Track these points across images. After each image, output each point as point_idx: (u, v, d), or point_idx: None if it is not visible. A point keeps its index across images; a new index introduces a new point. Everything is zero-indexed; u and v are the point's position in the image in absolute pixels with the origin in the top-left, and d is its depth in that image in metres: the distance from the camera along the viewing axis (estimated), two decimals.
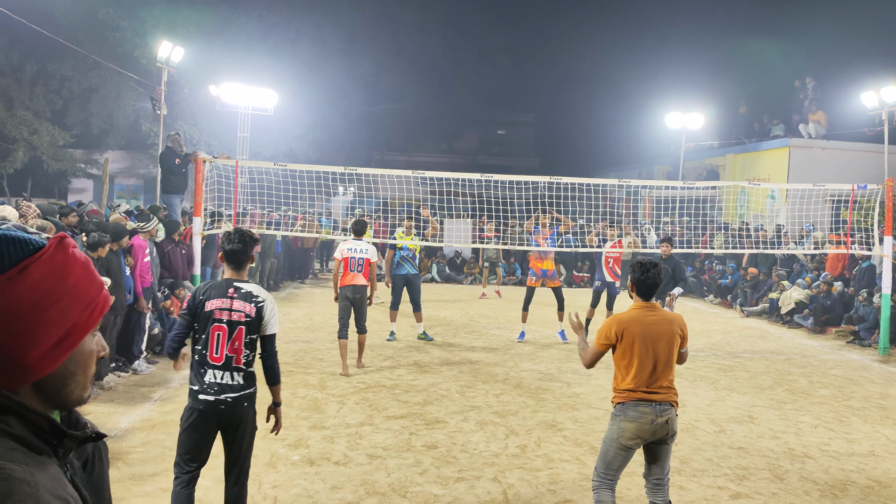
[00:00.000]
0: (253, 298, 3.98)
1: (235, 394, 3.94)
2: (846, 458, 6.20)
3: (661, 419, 4.05)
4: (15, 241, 1.11)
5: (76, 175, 27.05)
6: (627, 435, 4.06)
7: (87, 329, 1.16)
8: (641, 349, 4.08)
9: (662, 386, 4.10)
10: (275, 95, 20.43)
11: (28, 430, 1.08)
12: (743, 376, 9.43)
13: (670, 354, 4.14)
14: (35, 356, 1.09)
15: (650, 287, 4.19)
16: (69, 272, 1.14)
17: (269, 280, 16.67)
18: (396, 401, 7.47)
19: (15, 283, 1.08)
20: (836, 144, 21.61)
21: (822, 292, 13.80)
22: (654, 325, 4.12)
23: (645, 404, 4.05)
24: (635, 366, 4.08)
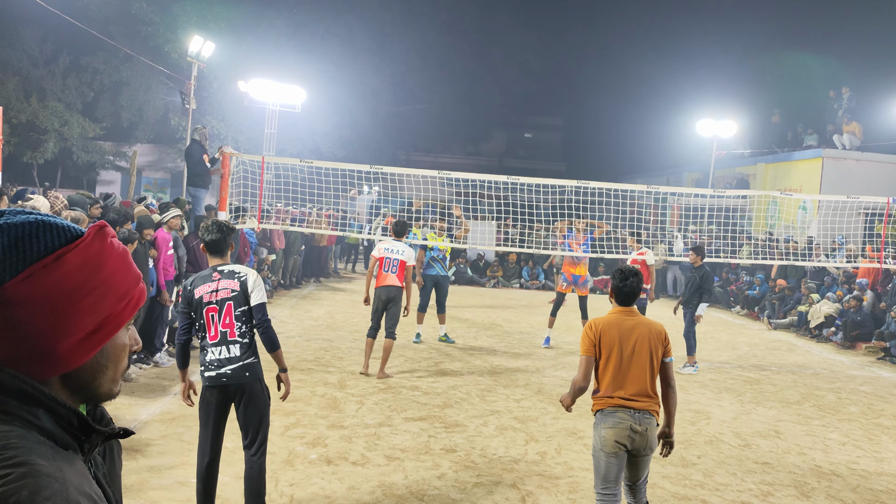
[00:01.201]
0: (235, 274, 4.24)
1: (234, 365, 4.16)
2: (875, 478, 6.02)
3: (640, 427, 3.96)
4: (52, 228, 1.08)
5: (105, 167, 27.39)
6: (609, 443, 3.98)
7: (121, 322, 1.13)
8: (618, 353, 4.03)
9: (642, 394, 4.01)
10: (303, 93, 20.50)
11: (56, 424, 1.06)
12: (769, 390, 9.23)
13: (649, 361, 4.05)
14: (66, 347, 1.06)
15: (628, 294, 4.16)
16: (105, 262, 1.11)
17: (291, 277, 16.70)
18: (416, 402, 7.40)
19: (50, 271, 1.05)
20: (870, 156, 21.19)
21: (853, 307, 13.51)
22: (632, 330, 4.07)
23: (623, 411, 3.98)
24: (611, 370, 4.03)
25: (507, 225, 20.57)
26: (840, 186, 19.29)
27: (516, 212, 15.21)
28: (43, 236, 1.06)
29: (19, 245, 1.04)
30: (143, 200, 12.33)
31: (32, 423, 1.03)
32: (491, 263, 21.19)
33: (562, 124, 43.96)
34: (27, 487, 0.93)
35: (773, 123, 25.73)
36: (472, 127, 36.32)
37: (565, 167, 40.87)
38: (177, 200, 10.89)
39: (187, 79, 16.69)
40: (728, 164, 25.47)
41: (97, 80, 25.36)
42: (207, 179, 11.91)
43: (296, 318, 12.38)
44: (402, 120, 33.05)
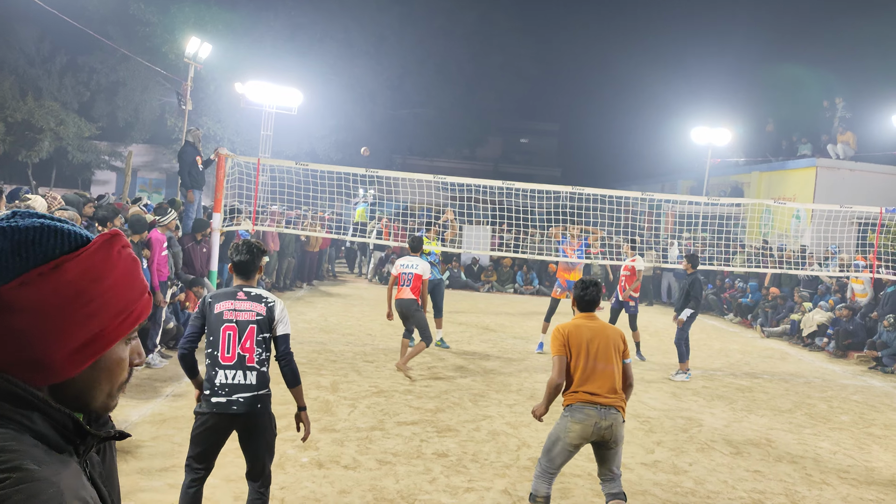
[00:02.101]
0: (263, 299, 4.01)
1: (248, 393, 3.87)
2: (865, 487, 6.05)
3: (605, 423, 4.25)
4: (54, 234, 1.06)
5: (100, 167, 27.33)
6: (573, 435, 4.29)
7: (116, 336, 1.10)
8: (585, 353, 4.37)
9: (607, 391, 4.31)
10: (299, 95, 20.49)
11: (50, 427, 1.04)
12: (761, 398, 9.26)
13: (612, 362, 4.39)
14: (57, 357, 1.04)
15: (588, 302, 4.60)
16: (107, 274, 1.08)
17: (284, 279, 16.68)
18: (408, 407, 7.39)
19: (46, 279, 1.02)
20: (864, 166, 21.30)
21: (845, 316, 13.56)
22: (596, 332, 4.45)
23: (590, 407, 4.28)
24: (580, 369, 4.35)
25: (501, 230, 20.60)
26: (833, 196, 19.38)
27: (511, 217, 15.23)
28: (45, 242, 1.04)
29: (20, 249, 1.02)
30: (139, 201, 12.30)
31: (27, 427, 1.02)
32: (485, 268, 21.20)
33: (558, 130, 44.05)
34: (22, 492, 0.92)
35: (768, 132, 25.84)
36: (469, 131, 36.35)
37: (560, 173, 40.94)
38: (172, 202, 10.86)
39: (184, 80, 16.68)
40: (722, 172, 25.56)
41: (94, 80, 25.32)
42: (202, 181, 11.89)
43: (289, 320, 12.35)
44: (399, 123, 33.07)
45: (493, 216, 19.43)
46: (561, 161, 43.39)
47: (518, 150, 43.42)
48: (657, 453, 6.51)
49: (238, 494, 4.81)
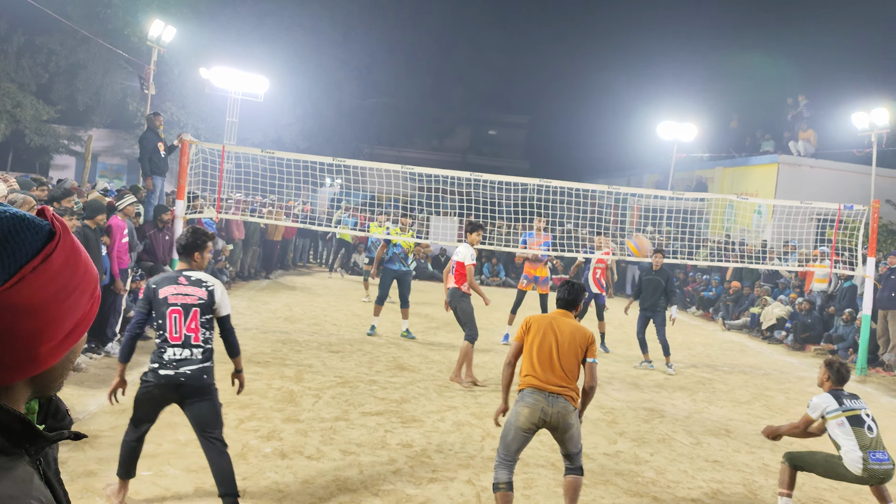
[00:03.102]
0: (203, 283, 4.40)
1: (194, 366, 4.34)
2: (820, 477, 6.17)
3: (552, 409, 4.43)
4: (31, 224, 1.01)
5: (59, 151, 26.68)
6: (522, 419, 4.46)
7: (91, 319, 1.09)
8: (542, 342, 4.58)
9: (557, 381, 4.49)
10: (266, 82, 20.21)
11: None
12: (721, 389, 9.41)
13: (571, 357, 4.57)
14: (46, 350, 1.01)
15: (568, 302, 4.81)
16: (79, 259, 1.05)
17: (249, 269, 16.50)
18: (373, 397, 7.37)
19: (38, 274, 0.98)
20: (824, 163, 21.72)
21: (804, 309, 13.85)
22: (563, 328, 4.64)
23: (538, 392, 4.47)
24: (534, 355, 4.57)
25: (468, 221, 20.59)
26: (794, 192, 19.75)
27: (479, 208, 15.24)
28: (26, 234, 0.99)
29: (6, 246, 0.97)
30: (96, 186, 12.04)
31: None
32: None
33: (526, 122, 44.17)
34: None
35: (732, 128, 26.22)
36: (437, 122, 36.26)
37: (528, 165, 41.08)
38: (134, 188, 10.66)
39: (147, 63, 16.33)
40: (687, 166, 25.87)
41: (52, 62, 24.64)
42: (164, 167, 11.68)
43: (253, 309, 12.24)
44: (366, 113, 32.85)
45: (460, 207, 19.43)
46: (529, 153, 43.57)
47: (486, 142, 43.46)
48: (619, 444, 6.58)
49: (199, 486, 4.75)
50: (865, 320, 11.42)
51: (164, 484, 4.74)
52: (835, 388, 5.24)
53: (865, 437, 4.95)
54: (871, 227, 11.47)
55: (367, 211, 19.21)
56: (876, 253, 11.68)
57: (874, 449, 4.94)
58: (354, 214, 19.09)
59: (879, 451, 4.96)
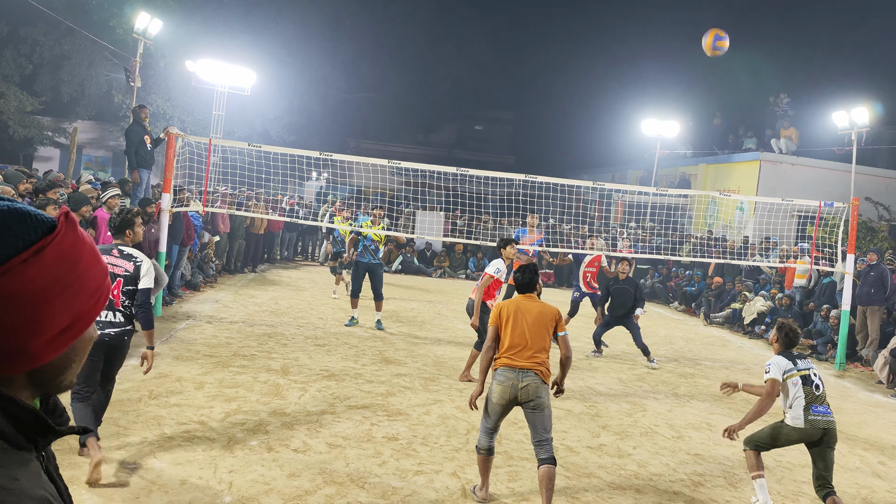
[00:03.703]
0: (132, 258, 4.98)
1: (117, 329, 4.92)
2: (799, 470, 6.31)
3: (522, 384, 4.76)
4: (28, 218, 1.01)
5: (43, 143, 26.42)
6: (496, 395, 4.84)
7: (92, 318, 1.08)
8: (515, 326, 4.92)
9: (527, 358, 4.83)
10: (253, 75, 20.15)
11: (10, 424, 1.01)
12: (703, 384, 9.55)
13: (542, 334, 4.92)
14: (38, 344, 1.01)
15: (525, 285, 5.14)
16: (80, 256, 1.05)
17: (235, 262, 16.48)
18: (359, 390, 7.42)
19: (27, 267, 0.98)
20: (805, 161, 21.97)
21: (784, 305, 14.03)
22: (531, 309, 4.99)
23: (510, 370, 4.82)
24: (508, 338, 4.91)
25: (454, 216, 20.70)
26: (775, 189, 19.97)
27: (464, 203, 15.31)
28: (19, 227, 1.00)
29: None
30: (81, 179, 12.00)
31: None
32: (438, 253, 21.27)
33: (512, 118, 44.21)
34: None
35: (715, 126, 26.44)
36: (423, 117, 36.24)
37: (514, 160, 41.15)
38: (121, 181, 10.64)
39: (132, 56, 16.23)
40: (671, 163, 26.07)
41: (36, 53, 24.41)
42: (151, 160, 11.65)
43: (239, 303, 12.25)
44: (353, 107, 32.79)
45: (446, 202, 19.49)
46: (514, 149, 43.60)
47: (472, 137, 43.48)
48: (602, 437, 6.68)
49: (185, 478, 4.79)
50: (844, 316, 11.60)
51: (150, 477, 4.78)
52: (785, 351, 5.57)
53: (812, 395, 5.35)
54: (850, 225, 11.65)
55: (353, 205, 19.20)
56: (855, 250, 11.86)
57: (817, 404, 5.33)
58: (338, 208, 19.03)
59: (822, 406, 5.36)
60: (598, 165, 34.17)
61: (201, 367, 7.68)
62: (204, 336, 9.29)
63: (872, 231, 19.68)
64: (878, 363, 10.91)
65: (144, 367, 4.98)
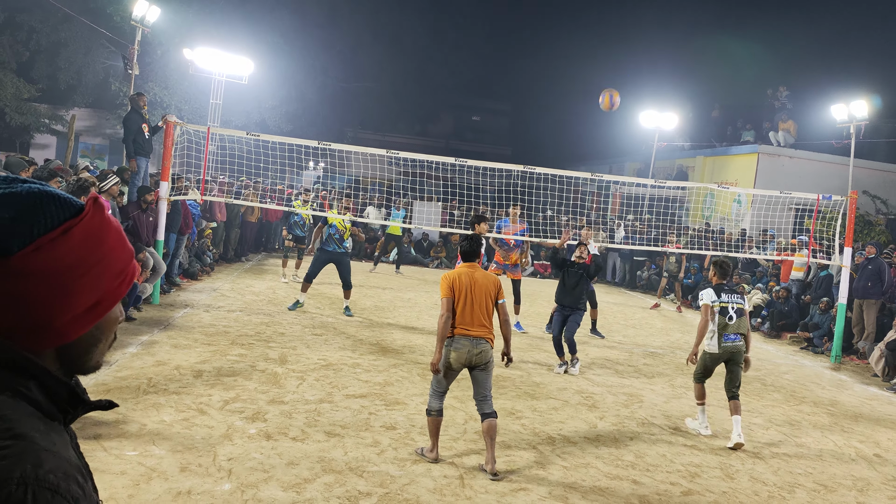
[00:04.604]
0: None
1: None
2: (795, 461, 6.34)
3: (476, 350, 5.31)
4: (57, 200, 1.07)
5: (40, 130, 26.34)
6: (453, 361, 5.34)
7: (117, 298, 1.13)
8: (467, 297, 5.37)
9: (478, 326, 5.34)
10: (250, 64, 20.07)
11: (45, 396, 1.06)
12: None
13: (487, 302, 5.43)
14: (64, 321, 1.06)
15: (469, 254, 5.60)
16: (105, 237, 1.10)
17: (232, 249, 16.47)
18: (357, 380, 7.44)
19: (57, 244, 1.03)
20: (803, 154, 21.99)
21: (780, 298, 14.07)
22: (475, 279, 5.45)
23: (465, 339, 5.32)
24: (461, 308, 5.36)
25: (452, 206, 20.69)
26: (773, 182, 19.99)
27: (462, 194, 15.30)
28: (50, 208, 1.05)
29: (27, 216, 1.03)
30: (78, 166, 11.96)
31: (23, 394, 1.03)
32: (435, 244, 21.28)
33: (509, 109, 44.16)
34: (28, 461, 0.93)
35: (713, 118, 26.43)
36: (421, 107, 36.18)
37: (511, 151, 41.13)
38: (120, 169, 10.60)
39: (130, 43, 16.16)
40: (669, 155, 26.07)
41: (33, 40, 24.28)
42: (149, 148, 11.61)
43: (237, 291, 12.25)
44: (351, 97, 32.68)
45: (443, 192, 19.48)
46: (512, 140, 43.57)
47: (470, 128, 43.42)
48: (599, 427, 6.71)
49: (184, 465, 4.80)
50: (841, 309, 11.63)
51: (149, 464, 4.78)
52: (719, 283, 6.99)
53: (725, 324, 6.81)
54: (848, 218, 11.66)
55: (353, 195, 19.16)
56: (853, 243, 11.88)
57: (729, 332, 6.81)
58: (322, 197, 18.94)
59: (734, 334, 6.83)
60: (595, 157, 34.15)
61: (199, 356, 7.68)
62: (202, 324, 9.29)
63: (870, 224, 19.74)
64: (873, 356, 10.95)
65: None
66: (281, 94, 27.30)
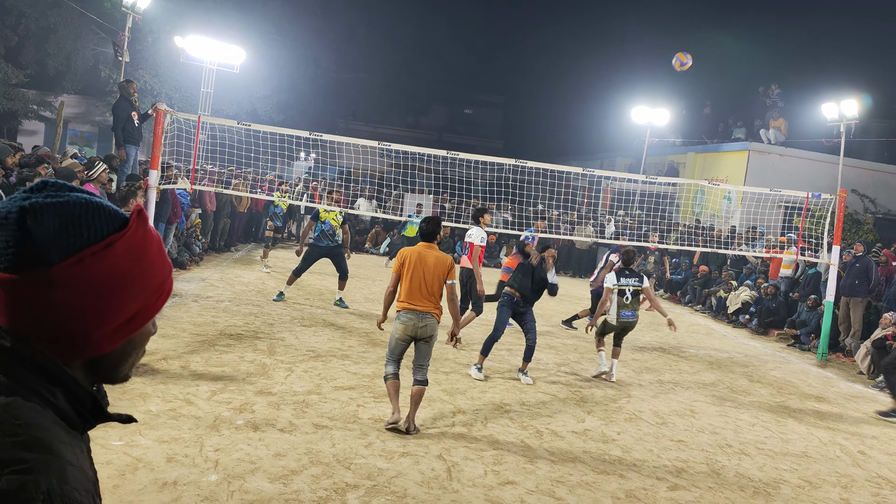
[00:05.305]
0: None
1: None
2: (780, 458, 6.38)
3: (422, 324, 5.70)
4: (100, 211, 1.06)
5: (28, 116, 26.08)
6: (399, 332, 5.75)
7: (153, 313, 1.12)
8: (415, 273, 5.73)
9: (424, 301, 5.70)
10: (242, 53, 19.93)
11: (70, 405, 1.06)
12: (687, 371, 9.62)
13: (436, 281, 5.76)
14: (100, 334, 1.05)
15: (427, 234, 5.96)
16: (146, 251, 1.10)
17: (220, 240, 16.39)
18: (345, 372, 7.42)
19: (99, 259, 1.03)
20: (793, 152, 22.07)
21: (768, 295, 14.14)
22: (428, 258, 5.79)
23: (411, 313, 5.70)
24: (408, 283, 5.73)
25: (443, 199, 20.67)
26: (763, 179, 20.05)
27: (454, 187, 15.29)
28: (93, 220, 1.04)
29: (71, 228, 1.02)
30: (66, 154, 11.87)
31: (49, 402, 1.02)
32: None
33: (502, 103, 44.10)
34: (54, 475, 0.93)
35: (705, 115, 26.47)
36: (413, 99, 36.05)
37: (503, 145, 41.09)
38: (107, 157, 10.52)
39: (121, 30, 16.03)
40: (660, 151, 26.11)
41: (22, 24, 24.03)
42: (138, 136, 11.53)
43: (226, 282, 12.20)
44: (343, 87, 32.54)
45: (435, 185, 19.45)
46: (504, 133, 43.53)
47: (462, 121, 43.34)
48: (587, 422, 6.73)
49: (171, 456, 4.78)
50: (828, 307, 11.70)
51: (135, 454, 4.76)
52: (621, 269, 8.53)
53: (622, 303, 8.35)
54: (836, 216, 11.72)
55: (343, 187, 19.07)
56: (841, 241, 11.94)
57: (625, 310, 8.37)
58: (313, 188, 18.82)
59: (629, 311, 8.40)
60: (587, 152, 34.16)
61: (187, 346, 7.64)
62: (190, 314, 9.24)
63: (858, 223, 19.85)
64: (859, 354, 11.03)
65: None
66: (272, 84, 27.15)
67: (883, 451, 7.05)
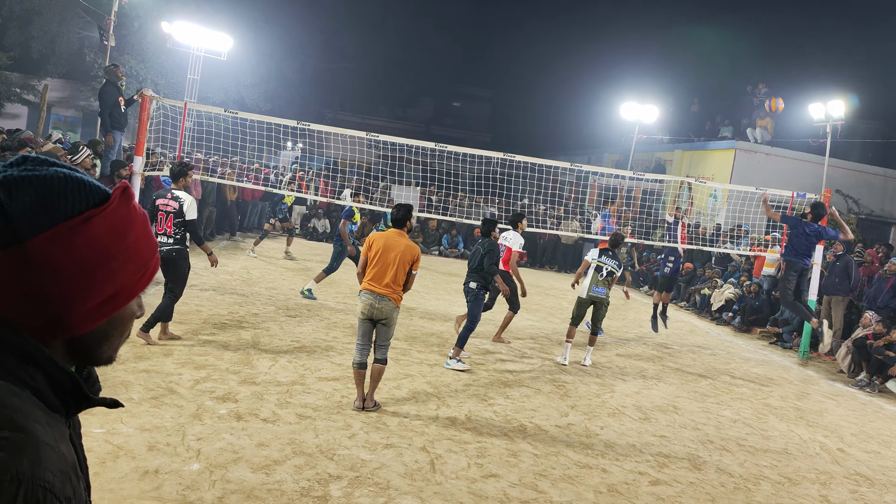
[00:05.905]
0: (178, 199, 7.16)
1: (166, 247, 7.09)
2: (761, 454, 6.43)
3: (378, 305, 5.92)
4: (79, 186, 1.02)
5: (10, 99, 25.77)
6: (359, 311, 6.01)
7: (135, 292, 1.08)
8: (380, 259, 5.97)
9: (384, 285, 5.92)
10: (230, 40, 19.76)
11: (49, 387, 1.02)
12: (670, 367, 9.67)
13: (399, 267, 5.96)
14: (79, 313, 1.01)
15: (397, 221, 6.19)
16: (129, 229, 1.06)
17: (205, 229, 16.27)
18: (330, 363, 7.40)
19: (76, 234, 0.99)
20: (779, 151, 22.19)
21: (752, 293, 14.23)
22: (396, 244, 6.01)
23: (369, 294, 5.96)
24: (372, 266, 6.00)
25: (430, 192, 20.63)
26: (749, 178, 20.15)
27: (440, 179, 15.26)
28: (71, 195, 1.00)
29: (47, 202, 0.98)
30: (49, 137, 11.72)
31: (27, 384, 0.99)
32: (413, 229, 21.20)
33: (490, 96, 44.04)
34: (27, 456, 0.90)
35: (693, 112, 26.57)
36: (401, 91, 35.94)
37: (490, 138, 41.06)
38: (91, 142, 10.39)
39: (106, 14, 15.83)
40: (647, 148, 26.19)
41: (5, 6, 23.67)
42: (123, 122, 11.40)
43: (211, 271, 12.10)
44: (331, 77, 32.38)
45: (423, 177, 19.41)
46: (491, 127, 43.48)
47: (450, 114, 43.25)
48: (570, 417, 6.74)
49: (152, 444, 4.74)
50: (811, 305, 11.78)
51: (116, 442, 4.72)
52: (605, 248, 9.00)
53: (596, 279, 8.81)
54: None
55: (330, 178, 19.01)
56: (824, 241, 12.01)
57: (597, 286, 8.80)
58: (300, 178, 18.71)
59: (600, 288, 8.82)
60: (574, 147, 34.20)
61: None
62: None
63: None
64: (840, 352, 11.13)
65: (210, 260, 7.48)
66: (260, 72, 26.97)
67: (862, 448, 7.13)
